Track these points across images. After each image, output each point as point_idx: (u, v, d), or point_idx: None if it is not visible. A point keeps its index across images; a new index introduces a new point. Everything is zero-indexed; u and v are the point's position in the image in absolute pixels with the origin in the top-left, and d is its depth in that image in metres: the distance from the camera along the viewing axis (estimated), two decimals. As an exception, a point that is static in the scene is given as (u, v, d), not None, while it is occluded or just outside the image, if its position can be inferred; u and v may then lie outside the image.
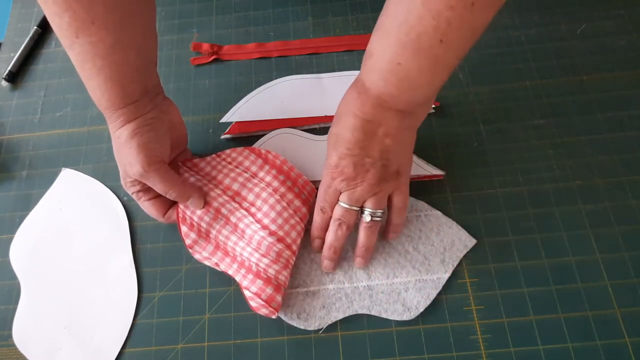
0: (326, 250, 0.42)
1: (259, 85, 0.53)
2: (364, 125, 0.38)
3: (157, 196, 0.43)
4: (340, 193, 0.41)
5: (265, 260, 0.41)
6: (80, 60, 0.37)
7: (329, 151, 0.41)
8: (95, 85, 0.38)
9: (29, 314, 0.44)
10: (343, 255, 0.44)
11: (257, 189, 0.44)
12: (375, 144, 0.38)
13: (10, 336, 0.43)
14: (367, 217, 0.41)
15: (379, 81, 0.36)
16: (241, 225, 0.43)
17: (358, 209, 0.41)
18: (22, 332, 0.43)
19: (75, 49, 0.36)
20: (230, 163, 0.46)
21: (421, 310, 0.41)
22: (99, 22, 0.35)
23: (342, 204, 0.41)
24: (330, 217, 0.42)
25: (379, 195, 0.40)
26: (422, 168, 0.46)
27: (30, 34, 0.58)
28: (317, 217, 0.43)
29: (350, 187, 0.40)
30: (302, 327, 0.41)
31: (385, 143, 0.38)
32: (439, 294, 0.42)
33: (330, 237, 0.42)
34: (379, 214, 0.41)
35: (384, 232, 0.44)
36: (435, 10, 0.30)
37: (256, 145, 0.49)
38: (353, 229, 0.42)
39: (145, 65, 0.40)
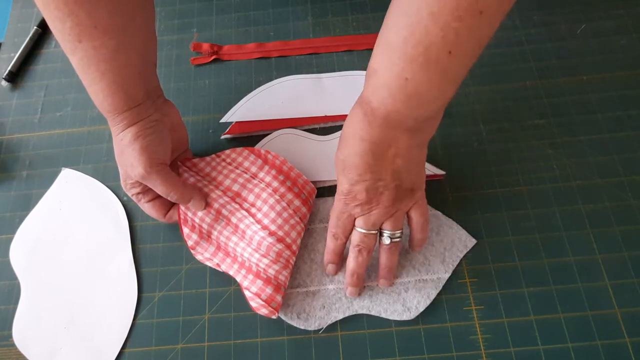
0: (349, 278, 0.41)
1: (259, 85, 0.53)
2: (373, 148, 0.36)
3: (157, 197, 0.43)
4: (354, 218, 0.39)
5: (265, 261, 0.41)
6: (83, 65, 0.37)
7: (339, 177, 0.39)
8: (98, 89, 0.37)
9: (29, 314, 0.44)
10: (343, 257, 0.44)
11: (257, 190, 0.44)
12: (386, 166, 0.37)
13: (10, 336, 0.43)
14: (386, 240, 0.39)
15: (386, 99, 0.34)
16: (242, 226, 0.43)
17: (376, 232, 0.40)
18: (22, 332, 0.43)
19: (78, 54, 0.36)
20: (230, 164, 0.46)
21: (421, 310, 0.41)
22: (101, 27, 0.35)
23: (359, 230, 0.39)
24: (344, 243, 0.41)
25: (395, 216, 0.39)
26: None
27: (30, 34, 0.58)
28: (330, 243, 0.41)
29: (365, 212, 0.38)
30: (302, 327, 0.41)
31: (396, 164, 0.37)
32: (439, 294, 0.42)
33: (351, 264, 0.40)
34: (398, 235, 0.39)
35: (409, 246, 0.43)
36: (442, 21, 0.29)
37: (259, 145, 0.49)
38: (373, 253, 0.41)
39: (146, 68, 0.40)
